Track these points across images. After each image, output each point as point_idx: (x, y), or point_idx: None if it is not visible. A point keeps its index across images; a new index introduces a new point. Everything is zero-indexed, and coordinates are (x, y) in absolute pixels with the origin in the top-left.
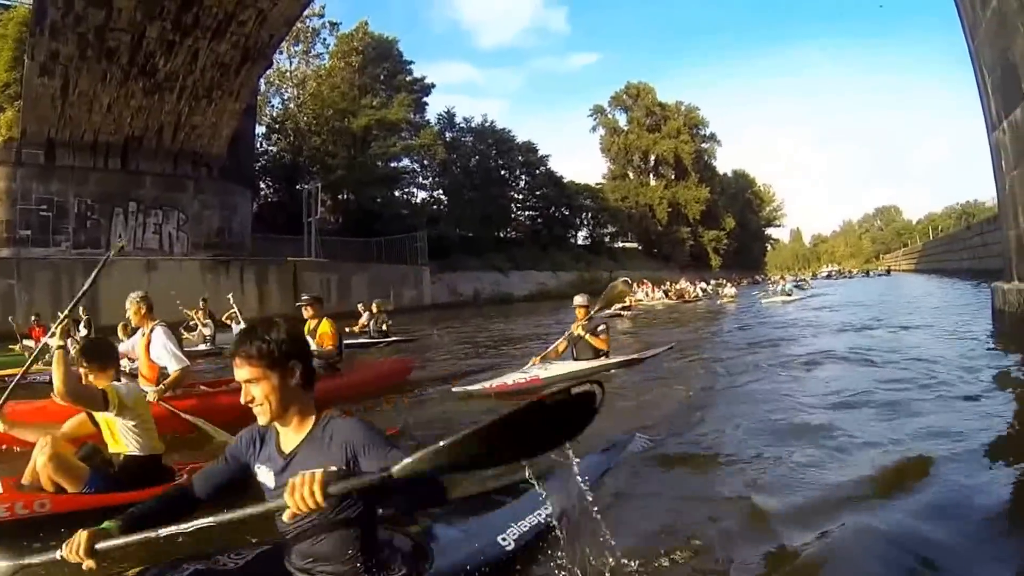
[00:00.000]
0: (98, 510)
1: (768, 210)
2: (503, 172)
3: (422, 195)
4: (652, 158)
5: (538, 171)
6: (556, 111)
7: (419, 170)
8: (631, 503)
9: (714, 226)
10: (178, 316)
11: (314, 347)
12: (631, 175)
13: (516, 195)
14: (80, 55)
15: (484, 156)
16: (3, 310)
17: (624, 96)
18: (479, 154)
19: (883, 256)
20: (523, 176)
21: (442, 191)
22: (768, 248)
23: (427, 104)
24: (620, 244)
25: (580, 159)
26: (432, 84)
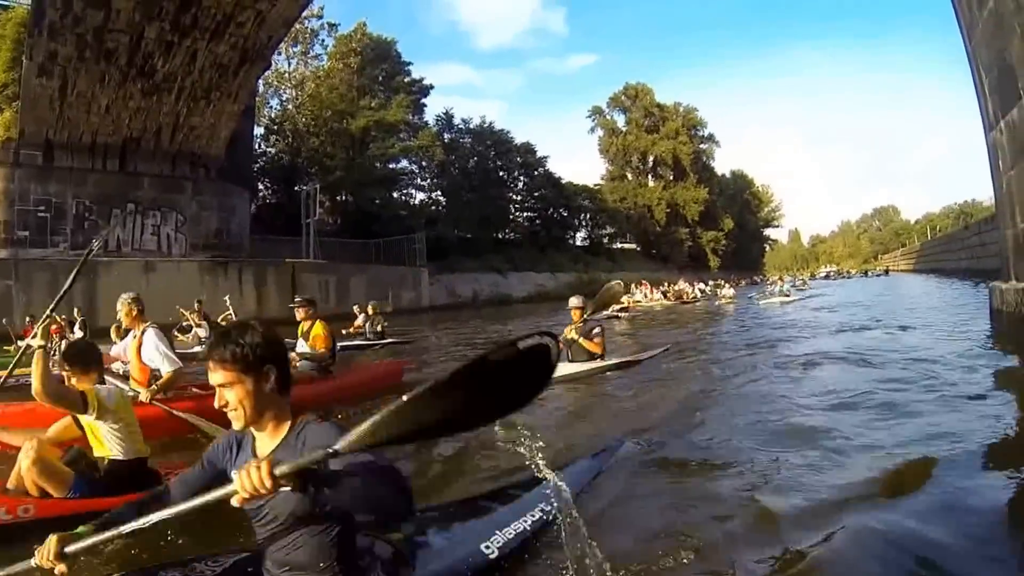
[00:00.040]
0: (82, 515)
1: (766, 211)
2: (501, 173)
3: (420, 196)
4: (650, 159)
5: (536, 172)
6: (554, 112)
7: (417, 171)
8: (621, 509)
9: (712, 227)
10: (176, 317)
11: (307, 349)
12: (629, 176)
13: (514, 196)
14: (78, 56)
15: (482, 157)
16: (0, 311)
17: (622, 97)
18: (477, 155)
19: (881, 256)
20: (521, 177)
21: (440, 192)
22: (766, 249)
23: (425, 105)
24: (618, 245)
25: (578, 160)
26: (431, 85)
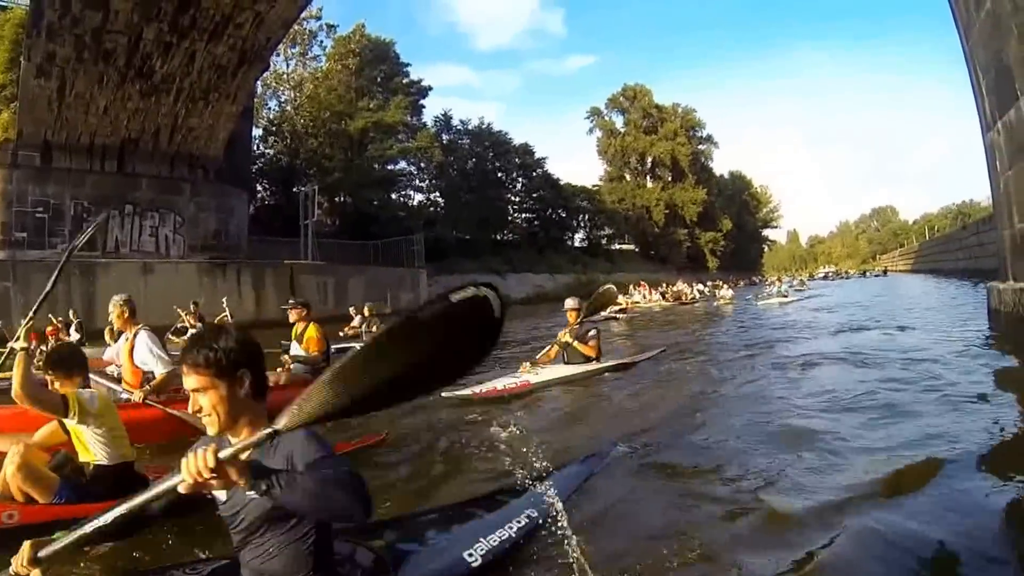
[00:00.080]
0: (67, 521)
1: (765, 211)
2: (500, 174)
3: (419, 198)
4: (649, 160)
5: (535, 173)
6: (553, 113)
7: (416, 173)
8: (610, 514)
9: (711, 228)
10: (174, 319)
11: (301, 352)
12: (628, 177)
13: (513, 197)
14: (77, 57)
15: (481, 158)
16: None
17: (621, 98)
18: (476, 156)
19: (880, 257)
20: (520, 178)
21: (439, 193)
22: (765, 249)
23: (424, 106)
24: (617, 246)
25: (577, 161)
26: (429, 87)
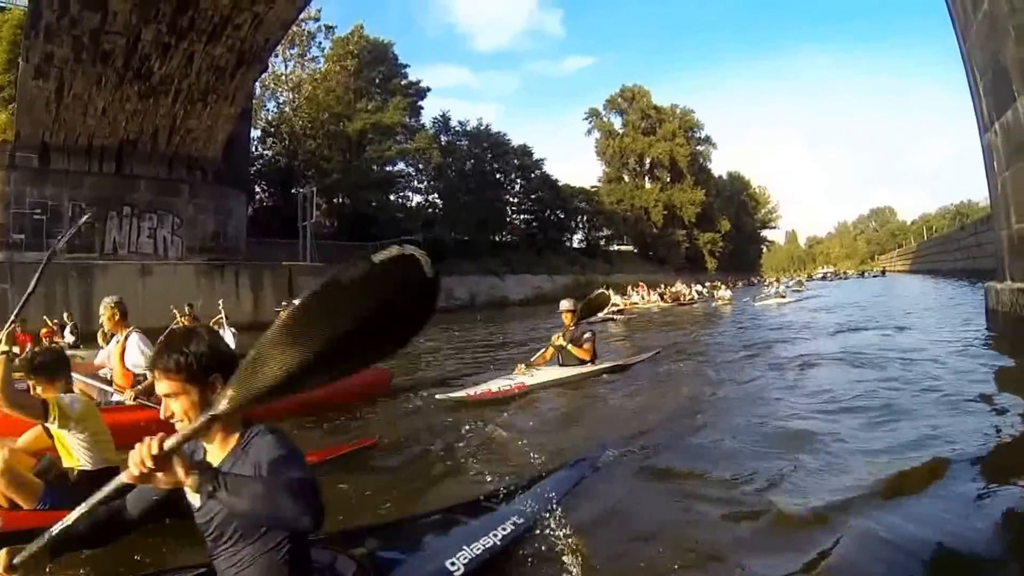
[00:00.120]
0: (51, 527)
1: (763, 212)
2: (498, 176)
3: (417, 199)
4: (647, 161)
5: (533, 174)
6: (551, 114)
7: (414, 174)
8: (600, 520)
9: (709, 228)
10: (171, 321)
11: None
12: (626, 178)
13: (511, 199)
14: (75, 58)
15: (479, 160)
16: None
17: (619, 99)
18: (474, 158)
19: (878, 257)
20: (518, 180)
21: (437, 195)
22: (763, 250)
23: (422, 108)
24: (615, 247)
25: (575, 162)
26: (427, 88)
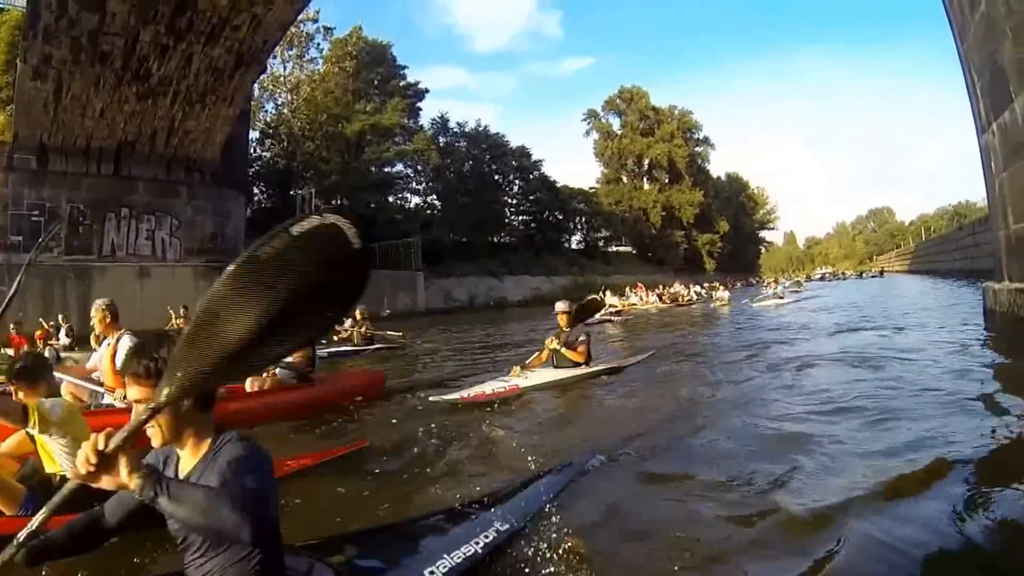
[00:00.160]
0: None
1: (762, 213)
2: (496, 177)
3: (416, 200)
4: (646, 162)
5: (532, 176)
6: (550, 115)
7: (413, 175)
8: (588, 526)
9: (708, 229)
10: (168, 323)
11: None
12: (625, 179)
13: (510, 200)
14: (73, 59)
15: (478, 161)
16: None
17: (618, 100)
18: (473, 159)
19: (876, 257)
20: (517, 181)
21: (436, 196)
22: (762, 251)
23: (421, 109)
24: (614, 248)
25: (574, 163)
26: (426, 89)
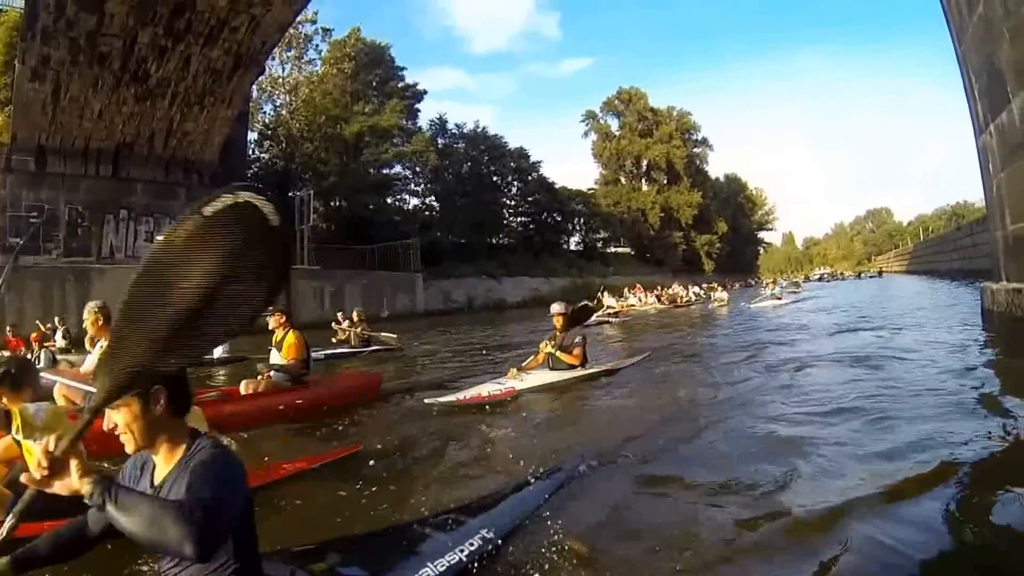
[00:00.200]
0: (20, 540)
1: (760, 214)
2: (495, 178)
3: (414, 202)
4: (644, 163)
5: (530, 177)
6: (548, 117)
7: (411, 177)
8: (576, 533)
9: (706, 230)
10: None
11: (281, 360)
12: (623, 180)
13: (508, 201)
14: (72, 60)
15: (476, 162)
16: None
17: (616, 101)
18: (471, 160)
19: (875, 258)
20: (515, 182)
21: (434, 197)
22: (760, 251)
23: (419, 110)
24: (612, 249)
25: (572, 164)
26: (424, 90)
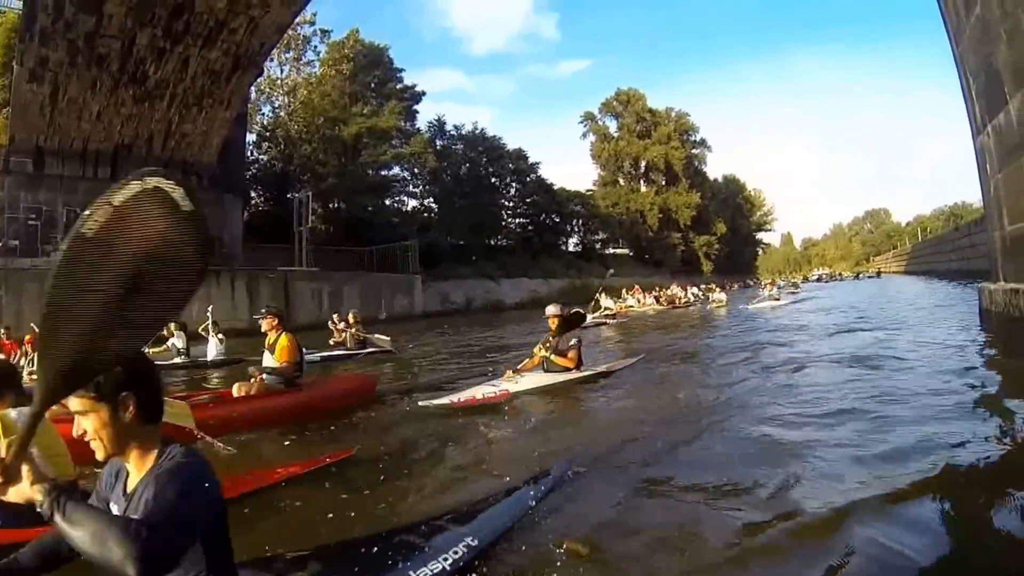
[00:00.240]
0: (3, 546)
1: (759, 215)
2: (493, 180)
3: (413, 203)
4: (642, 164)
5: (528, 178)
6: (546, 118)
7: (409, 178)
8: (560, 541)
9: (705, 231)
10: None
11: (274, 363)
12: (622, 181)
13: (506, 203)
14: (70, 62)
15: (474, 164)
16: None
17: (614, 103)
18: (469, 162)
19: (873, 258)
20: (513, 183)
21: (432, 199)
22: (759, 252)
23: (417, 112)
24: (611, 250)
25: (571, 165)
26: (423, 92)
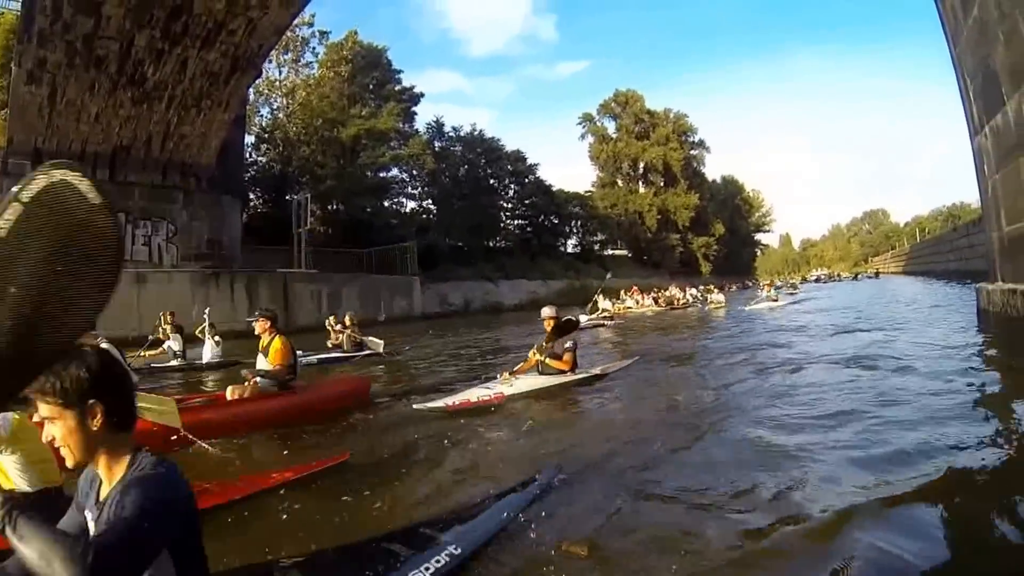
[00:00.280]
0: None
1: (757, 216)
2: (492, 181)
3: (411, 205)
4: (641, 165)
5: (527, 180)
6: (545, 119)
7: (408, 180)
8: (544, 549)
9: (703, 232)
10: (155, 329)
11: (268, 365)
12: (620, 183)
13: (505, 204)
14: (68, 63)
15: (473, 165)
16: None
17: (613, 104)
18: (468, 163)
19: (872, 259)
20: (512, 185)
21: (431, 201)
22: (758, 253)
23: (416, 113)
24: (610, 251)
25: (569, 166)
26: (421, 93)
